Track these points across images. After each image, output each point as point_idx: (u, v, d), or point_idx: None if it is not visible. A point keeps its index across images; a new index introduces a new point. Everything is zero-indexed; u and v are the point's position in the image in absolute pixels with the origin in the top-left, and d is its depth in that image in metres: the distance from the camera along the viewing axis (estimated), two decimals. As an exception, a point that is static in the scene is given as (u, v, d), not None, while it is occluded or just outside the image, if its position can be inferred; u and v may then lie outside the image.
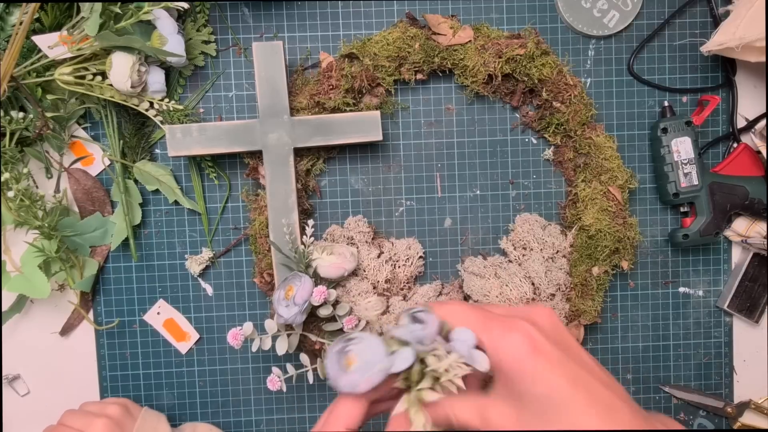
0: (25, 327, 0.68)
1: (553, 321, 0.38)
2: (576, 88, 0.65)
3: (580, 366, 0.36)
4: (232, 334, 0.60)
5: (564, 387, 0.34)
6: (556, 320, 0.38)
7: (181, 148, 0.62)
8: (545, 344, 0.35)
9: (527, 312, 0.38)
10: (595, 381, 0.35)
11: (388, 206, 0.69)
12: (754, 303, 0.71)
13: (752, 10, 0.62)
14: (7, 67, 0.58)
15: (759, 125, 0.69)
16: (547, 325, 0.37)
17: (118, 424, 0.60)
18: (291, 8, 0.67)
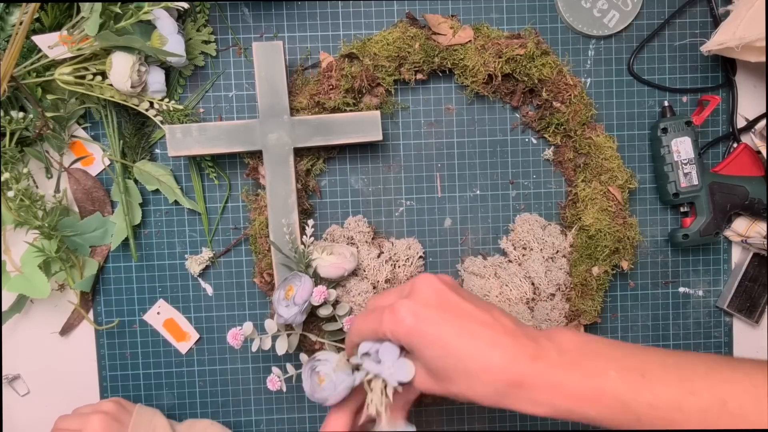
0: (25, 327, 0.68)
1: (432, 285, 0.43)
2: (576, 88, 0.65)
3: (460, 316, 0.41)
4: (232, 334, 0.60)
5: (450, 342, 0.40)
6: (434, 284, 0.43)
7: (181, 148, 0.62)
8: (423, 311, 0.41)
9: (409, 287, 0.43)
10: (477, 327, 0.40)
11: (388, 206, 0.69)
12: (754, 303, 0.71)
13: (752, 10, 0.62)
14: (7, 67, 0.58)
15: (759, 125, 0.69)
16: (426, 293, 0.42)
17: (115, 419, 0.60)
18: (291, 8, 0.67)
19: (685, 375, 0.39)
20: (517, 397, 0.39)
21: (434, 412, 0.71)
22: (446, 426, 0.71)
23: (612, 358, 0.40)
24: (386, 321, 0.42)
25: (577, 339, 0.41)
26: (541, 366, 0.39)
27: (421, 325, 0.41)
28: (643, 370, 0.39)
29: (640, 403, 0.38)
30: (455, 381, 0.40)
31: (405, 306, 0.42)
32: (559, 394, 0.39)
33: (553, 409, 0.39)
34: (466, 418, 0.71)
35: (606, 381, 0.39)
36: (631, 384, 0.38)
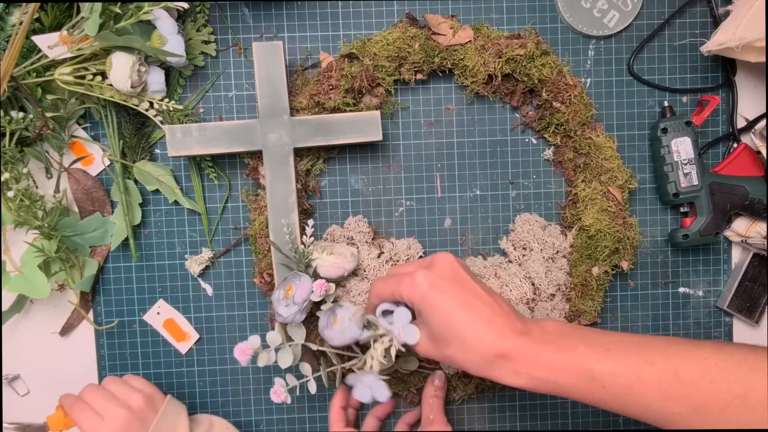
0: (25, 327, 0.68)
1: (449, 262, 0.49)
2: (576, 88, 0.65)
3: (467, 292, 0.47)
4: (240, 349, 0.57)
5: (455, 312, 0.46)
6: (451, 261, 0.49)
7: (181, 148, 0.62)
8: (438, 281, 0.47)
9: (430, 260, 0.50)
10: (479, 304, 0.47)
11: (388, 206, 0.69)
12: (754, 303, 0.71)
13: (752, 10, 0.62)
14: (7, 67, 0.58)
15: (759, 125, 0.69)
16: (443, 267, 0.49)
17: (139, 417, 0.58)
18: (291, 8, 0.67)
19: (644, 349, 0.44)
20: (501, 368, 0.46)
21: (434, 412, 0.71)
22: (446, 426, 0.71)
23: (583, 336, 0.47)
24: (405, 285, 0.49)
25: (559, 324, 0.49)
26: (524, 341, 0.46)
27: (433, 293, 0.47)
28: (609, 345, 0.45)
29: (603, 372, 0.44)
30: (451, 346, 0.47)
31: (423, 274, 0.48)
32: (536, 366, 0.45)
33: (531, 379, 0.45)
34: (466, 419, 0.71)
35: (576, 354, 0.45)
36: (597, 356, 0.44)
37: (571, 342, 0.46)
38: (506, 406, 0.71)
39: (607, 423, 0.72)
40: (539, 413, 0.71)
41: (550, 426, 0.72)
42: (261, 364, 0.59)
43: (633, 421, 0.72)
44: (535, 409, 0.71)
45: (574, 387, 0.45)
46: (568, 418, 0.72)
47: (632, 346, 0.45)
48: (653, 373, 0.43)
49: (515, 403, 0.71)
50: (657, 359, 0.43)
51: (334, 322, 0.56)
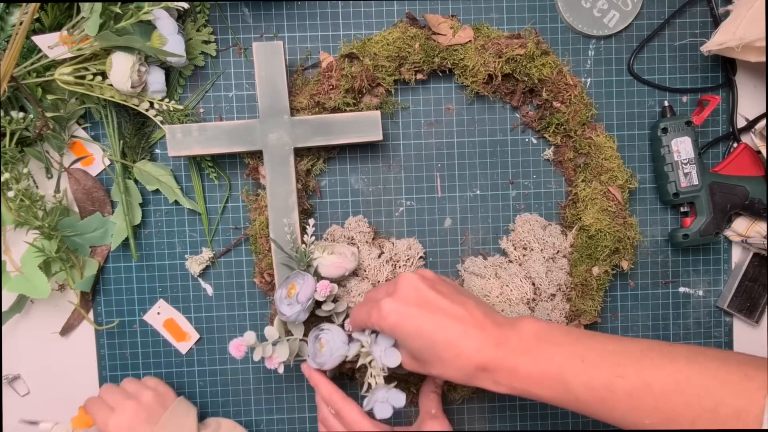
0: (25, 327, 0.68)
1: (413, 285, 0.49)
2: (576, 88, 0.65)
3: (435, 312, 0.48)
4: (235, 345, 0.58)
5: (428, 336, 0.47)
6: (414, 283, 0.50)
7: (181, 148, 0.62)
8: (404, 308, 0.48)
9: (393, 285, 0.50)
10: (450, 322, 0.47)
11: (388, 206, 0.69)
12: (754, 303, 0.71)
13: (752, 10, 0.62)
14: (7, 67, 0.58)
15: (759, 125, 0.69)
16: (407, 292, 0.49)
17: (147, 411, 0.60)
18: (291, 8, 0.67)
19: (619, 360, 0.45)
20: (483, 379, 0.47)
21: (434, 412, 0.71)
22: (446, 426, 0.71)
23: (560, 344, 0.47)
24: (374, 317, 0.50)
25: (535, 326, 0.48)
26: (502, 352, 0.46)
27: (402, 321, 0.48)
28: (584, 355, 0.45)
29: (578, 385, 0.45)
30: (433, 365, 0.49)
31: (388, 304, 0.49)
32: (514, 377, 0.46)
33: (511, 388, 0.47)
34: (466, 419, 0.71)
35: (551, 366, 0.46)
36: (572, 369, 0.45)
37: (547, 350, 0.46)
38: (506, 405, 0.71)
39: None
40: (539, 413, 0.71)
41: (550, 426, 0.72)
42: (257, 357, 0.60)
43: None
44: (535, 409, 0.71)
45: (551, 398, 0.46)
46: (568, 417, 0.72)
47: (607, 357, 0.45)
48: (625, 387, 0.43)
49: (515, 403, 0.71)
50: (630, 372, 0.44)
51: (320, 347, 0.58)
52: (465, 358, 0.47)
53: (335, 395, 0.58)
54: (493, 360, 0.46)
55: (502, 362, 0.46)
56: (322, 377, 0.61)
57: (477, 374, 0.47)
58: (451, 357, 0.47)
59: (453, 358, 0.47)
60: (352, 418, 0.57)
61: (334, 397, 0.58)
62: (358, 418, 0.56)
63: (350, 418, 0.57)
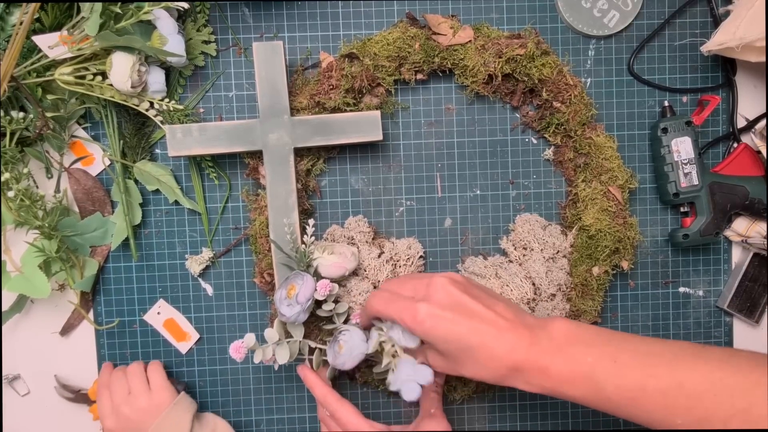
0: (25, 327, 0.68)
1: (446, 289, 0.50)
2: (576, 88, 0.65)
3: (470, 316, 0.48)
4: (235, 347, 0.59)
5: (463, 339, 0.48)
6: (447, 287, 0.50)
7: (182, 148, 0.62)
8: (439, 313, 0.48)
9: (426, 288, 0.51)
10: (484, 326, 0.48)
11: (388, 206, 0.69)
12: (754, 303, 0.71)
13: (752, 10, 0.62)
14: (7, 67, 0.58)
15: (759, 125, 0.69)
16: (441, 296, 0.49)
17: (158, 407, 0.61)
18: (291, 8, 0.67)
19: (651, 361, 0.45)
20: (515, 379, 0.48)
21: (434, 412, 0.71)
22: (446, 426, 0.71)
23: (592, 344, 0.47)
24: (407, 320, 0.50)
25: (566, 327, 0.49)
26: (534, 353, 0.47)
27: (438, 325, 0.49)
28: (616, 356, 0.46)
29: (609, 385, 0.45)
30: (466, 366, 0.49)
31: (423, 309, 0.49)
32: (546, 376, 0.47)
33: (542, 388, 0.47)
34: (466, 418, 0.71)
35: (583, 366, 0.46)
36: (604, 369, 0.45)
37: (579, 351, 0.47)
38: (506, 406, 0.71)
39: (607, 423, 0.72)
40: (539, 413, 0.71)
41: (550, 426, 0.72)
42: (257, 359, 0.60)
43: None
44: (535, 409, 0.71)
45: (582, 397, 0.46)
46: (568, 418, 0.72)
47: (639, 357, 0.45)
48: (658, 386, 0.44)
49: (515, 403, 0.71)
50: (662, 372, 0.44)
51: (339, 349, 0.58)
52: (498, 360, 0.48)
53: (330, 397, 0.59)
54: (526, 361, 0.47)
55: (533, 363, 0.47)
56: (316, 379, 0.61)
57: (509, 375, 0.48)
58: (485, 359, 0.48)
59: (486, 360, 0.48)
60: (347, 419, 0.57)
61: (328, 399, 0.59)
62: (354, 418, 0.57)
63: (345, 419, 0.57)
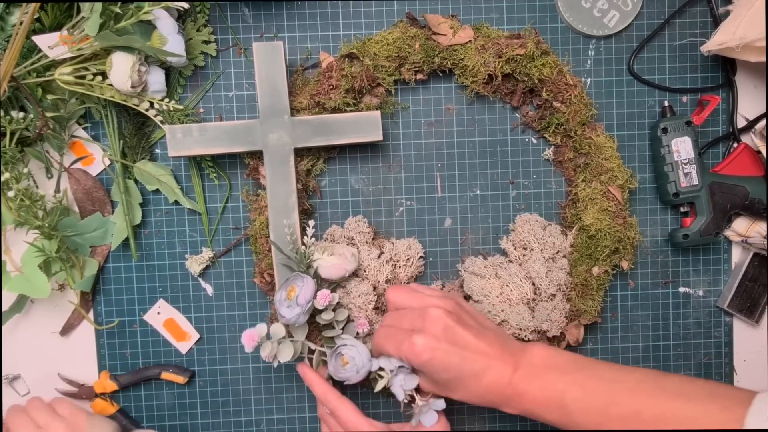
0: (25, 327, 0.68)
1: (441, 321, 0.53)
2: (576, 88, 0.65)
3: (463, 348, 0.52)
4: (248, 335, 0.58)
5: (455, 369, 0.52)
6: (443, 320, 0.53)
7: (182, 148, 0.62)
8: (436, 345, 0.52)
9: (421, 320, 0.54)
10: (475, 356, 0.52)
11: (388, 206, 0.69)
12: (754, 303, 0.71)
13: (752, 10, 0.62)
14: (7, 67, 0.58)
15: (759, 125, 0.69)
16: (436, 329, 0.53)
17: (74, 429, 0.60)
18: (291, 8, 0.67)
19: (615, 388, 0.50)
20: (500, 403, 0.53)
21: (434, 412, 0.71)
22: (446, 426, 0.71)
23: (564, 371, 0.52)
24: (405, 352, 0.53)
25: (544, 353, 0.54)
26: (516, 379, 0.52)
27: (434, 357, 0.52)
28: (584, 383, 0.50)
29: (576, 410, 0.50)
30: (456, 391, 0.54)
31: (421, 341, 0.53)
32: (524, 400, 0.52)
33: (521, 410, 0.53)
34: (466, 418, 0.71)
35: (554, 392, 0.51)
36: (572, 395, 0.50)
37: (552, 378, 0.51)
38: (506, 405, 0.71)
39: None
40: (539, 413, 0.71)
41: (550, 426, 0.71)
42: (263, 353, 0.59)
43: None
44: (536, 409, 0.71)
45: (554, 421, 0.51)
46: (568, 417, 0.71)
47: (604, 385, 0.50)
48: (618, 412, 0.48)
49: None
50: (623, 399, 0.49)
51: (343, 363, 0.59)
52: (485, 386, 0.52)
53: (330, 395, 0.59)
54: (509, 388, 0.52)
55: (515, 389, 0.52)
56: (316, 377, 0.61)
57: (495, 400, 0.53)
58: (474, 387, 0.53)
59: (475, 388, 0.53)
60: (347, 417, 0.57)
61: (328, 397, 0.59)
62: (354, 417, 0.57)
63: (345, 417, 0.58)
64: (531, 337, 0.65)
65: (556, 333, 0.65)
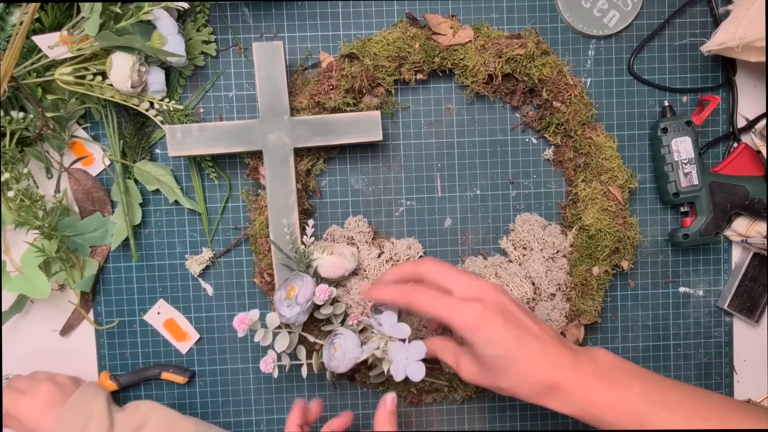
0: (25, 327, 0.68)
1: (499, 298, 0.49)
2: (576, 88, 0.65)
3: (519, 328, 0.48)
4: (240, 318, 0.59)
5: (509, 346, 0.48)
6: (501, 297, 0.49)
7: (182, 148, 0.62)
8: (492, 317, 0.48)
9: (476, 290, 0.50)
10: (531, 338, 0.48)
11: (388, 206, 0.69)
12: (754, 303, 0.71)
13: (752, 10, 0.62)
14: (7, 67, 0.58)
15: (759, 125, 0.69)
16: (494, 303, 0.49)
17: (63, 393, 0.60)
18: (291, 8, 0.67)
19: (700, 403, 0.45)
20: (553, 397, 0.47)
21: (434, 412, 0.71)
22: (446, 426, 0.71)
23: (639, 377, 0.47)
24: (458, 316, 0.49)
25: (610, 357, 0.49)
26: (577, 374, 0.47)
27: (489, 328, 0.48)
28: (663, 392, 0.46)
29: (657, 421, 0.44)
30: (505, 376, 0.48)
31: (479, 308, 0.48)
32: (586, 399, 0.46)
33: (580, 410, 0.47)
34: (466, 418, 0.71)
35: (630, 395, 0.46)
36: (651, 402, 0.45)
37: (626, 380, 0.47)
38: (506, 405, 0.71)
39: (608, 423, 0.72)
40: (539, 413, 0.71)
41: (550, 426, 0.72)
42: (257, 339, 0.60)
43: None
44: (536, 409, 0.71)
45: (620, 424, 0.46)
46: (569, 418, 0.71)
47: (688, 398, 0.46)
48: (705, 426, 0.44)
49: (515, 403, 0.71)
50: (712, 415, 0.44)
51: (334, 352, 0.59)
52: (540, 374, 0.47)
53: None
54: (567, 380, 0.47)
55: (575, 383, 0.47)
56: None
57: (548, 391, 0.47)
58: (526, 371, 0.48)
59: (527, 373, 0.48)
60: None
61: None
62: None
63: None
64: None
65: (556, 333, 0.65)
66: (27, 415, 0.59)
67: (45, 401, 0.59)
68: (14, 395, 0.60)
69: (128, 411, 0.62)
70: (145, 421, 0.61)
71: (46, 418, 0.58)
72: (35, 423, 0.59)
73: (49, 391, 0.60)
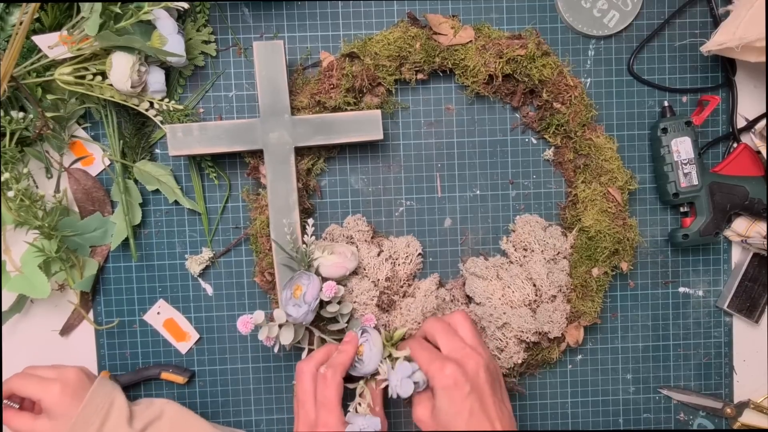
0: (25, 327, 0.68)
1: (478, 369, 0.53)
2: (576, 89, 0.65)
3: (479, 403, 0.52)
4: (243, 321, 0.59)
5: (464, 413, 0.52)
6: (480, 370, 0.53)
7: (182, 148, 0.62)
8: (461, 381, 0.52)
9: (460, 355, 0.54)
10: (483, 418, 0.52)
11: (388, 206, 0.69)
12: (754, 303, 0.71)
13: (752, 10, 0.62)
14: (7, 67, 0.58)
15: (759, 125, 0.69)
16: (472, 371, 0.53)
17: (75, 389, 0.59)
18: (291, 8, 0.67)
19: None
20: None
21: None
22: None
23: None
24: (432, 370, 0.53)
25: None
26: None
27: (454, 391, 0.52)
28: None
29: None
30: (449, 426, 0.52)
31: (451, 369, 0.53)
32: None
33: None
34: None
35: None
36: None
37: None
38: (506, 405, 0.71)
39: (608, 423, 0.72)
40: (539, 413, 0.71)
41: (550, 426, 0.72)
42: (261, 336, 0.60)
43: (633, 422, 0.72)
44: (535, 409, 0.71)
45: None
46: (568, 418, 0.72)
47: None
48: None
49: (515, 403, 0.71)
50: None
51: (359, 354, 0.60)
52: None
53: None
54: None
55: None
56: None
57: None
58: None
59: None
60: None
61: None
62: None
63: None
64: (533, 339, 0.65)
65: (558, 334, 0.65)
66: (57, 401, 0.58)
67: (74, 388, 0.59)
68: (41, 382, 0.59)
69: (143, 404, 0.63)
70: (161, 414, 0.62)
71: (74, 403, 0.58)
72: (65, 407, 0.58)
73: (62, 391, 0.58)
